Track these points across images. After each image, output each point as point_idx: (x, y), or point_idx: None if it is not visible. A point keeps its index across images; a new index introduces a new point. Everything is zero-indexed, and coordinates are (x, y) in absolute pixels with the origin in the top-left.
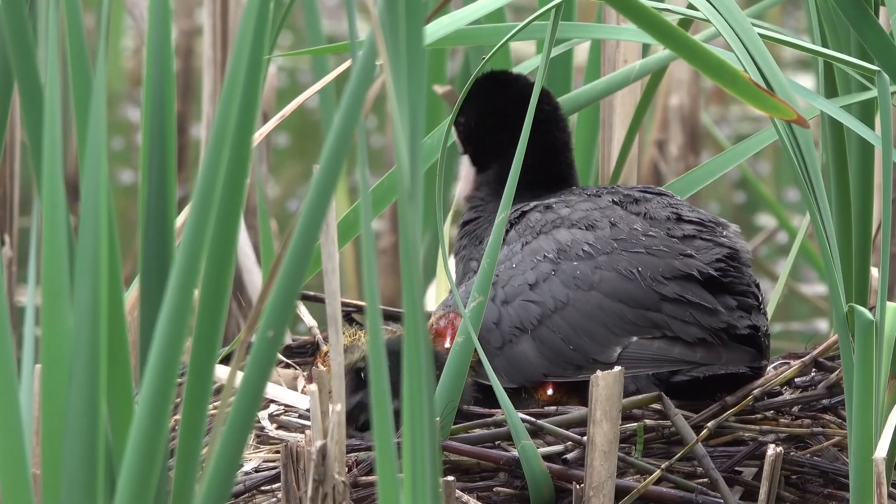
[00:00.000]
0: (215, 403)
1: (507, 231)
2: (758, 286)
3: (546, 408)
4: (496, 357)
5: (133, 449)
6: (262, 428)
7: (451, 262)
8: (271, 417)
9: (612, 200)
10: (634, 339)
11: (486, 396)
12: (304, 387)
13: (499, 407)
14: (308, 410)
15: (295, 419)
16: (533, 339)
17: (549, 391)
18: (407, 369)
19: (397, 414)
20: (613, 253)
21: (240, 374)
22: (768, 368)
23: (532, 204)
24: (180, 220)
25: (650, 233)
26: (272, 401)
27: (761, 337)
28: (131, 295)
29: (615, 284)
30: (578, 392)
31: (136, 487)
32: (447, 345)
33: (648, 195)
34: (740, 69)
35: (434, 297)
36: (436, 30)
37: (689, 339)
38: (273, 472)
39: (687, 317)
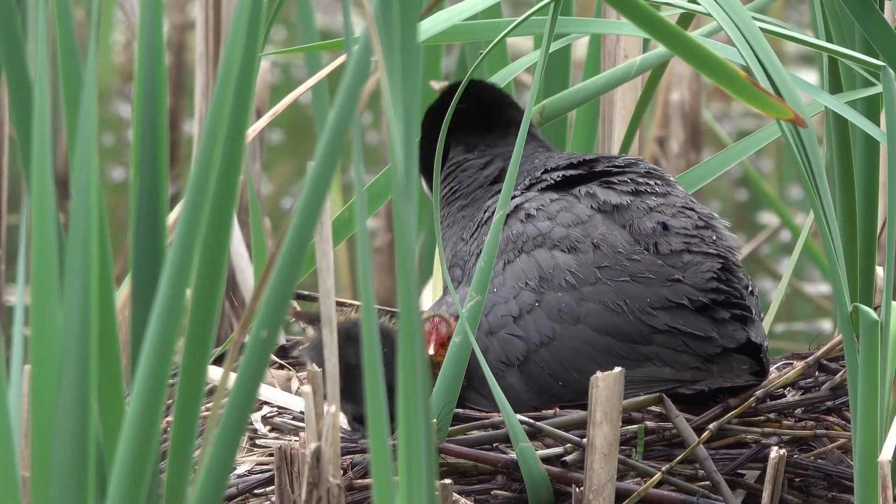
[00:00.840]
0: (208, 405)
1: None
2: (752, 291)
3: (544, 410)
4: (484, 386)
5: (124, 451)
6: (256, 430)
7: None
8: (265, 419)
9: (592, 206)
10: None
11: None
12: (298, 388)
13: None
14: (302, 412)
15: (289, 421)
16: (520, 372)
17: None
18: (402, 370)
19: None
20: (598, 283)
21: (233, 375)
22: (771, 370)
23: (513, 205)
24: (172, 217)
25: (634, 256)
26: (265, 402)
27: (758, 348)
28: (122, 294)
29: (602, 318)
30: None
31: (127, 490)
32: (430, 351)
33: (629, 195)
34: (740, 65)
35: (430, 297)
36: (432, 25)
37: (681, 367)
38: (267, 474)
39: (679, 346)
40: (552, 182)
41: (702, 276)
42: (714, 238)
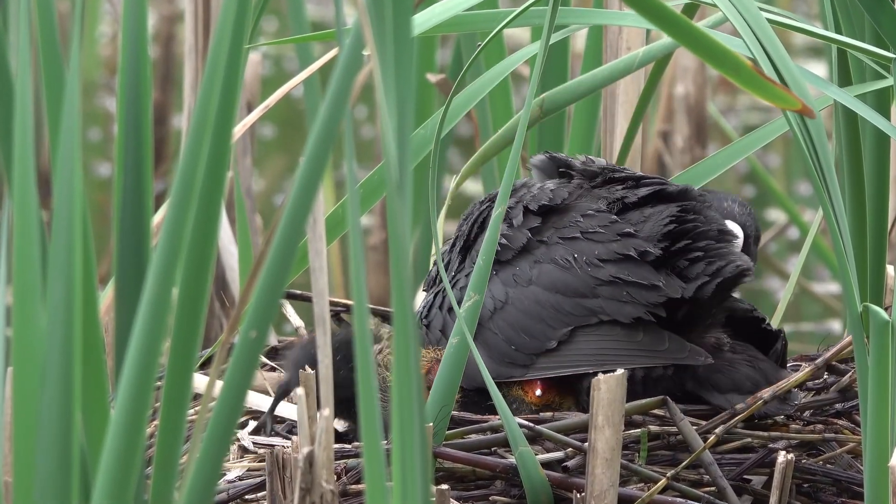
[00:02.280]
0: (195, 408)
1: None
2: (722, 232)
3: (544, 413)
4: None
5: (109, 456)
6: (245, 448)
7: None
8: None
9: (576, 184)
10: (571, 329)
11: (480, 400)
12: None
13: (494, 412)
14: (294, 420)
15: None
16: (477, 343)
17: (538, 391)
18: (396, 372)
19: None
20: (550, 243)
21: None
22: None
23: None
24: (158, 217)
25: (589, 212)
26: (253, 416)
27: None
28: (107, 295)
29: (552, 276)
30: (572, 392)
31: (112, 496)
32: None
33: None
34: (747, 57)
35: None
36: (428, 17)
37: (625, 319)
38: (258, 479)
39: (622, 296)
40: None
41: (658, 225)
42: (682, 188)
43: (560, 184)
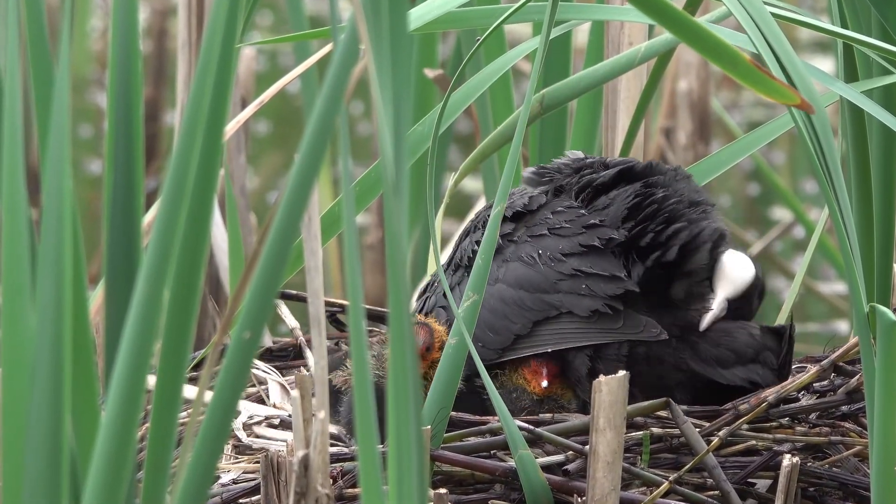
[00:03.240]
0: (187, 410)
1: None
2: (694, 203)
3: (544, 415)
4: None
5: (99, 460)
6: (240, 441)
7: (443, 258)
8: (246, 426)
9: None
10: (532, 322)
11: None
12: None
13: (493, 414)
14: (290, 416)
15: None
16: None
17: (544, 382)
18: (392, 373)
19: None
20: (519, 242)
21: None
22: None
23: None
24: (150, 215)
25: (558, 208)
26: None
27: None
28: (97, 295)
29: (517, 273)
30: (571, 385)
31: (103, 500)
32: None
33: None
34: (750, 52)
35: None
36: (424, 12)
37: (583, 312)
38: (252, 483)
39: (582, 290)
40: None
41: (622, 206)
42: (647, 164)
43: (542, 189)
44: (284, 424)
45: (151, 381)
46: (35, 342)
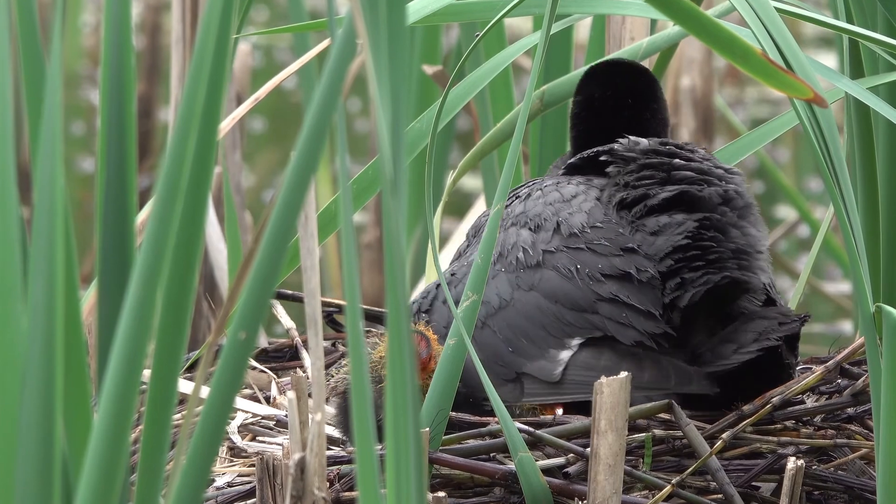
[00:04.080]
0: (181, 412)
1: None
2: (739, 252)
3: (544, 417)
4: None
5: (91, 463)
6: (235, 444)
7: (443, 256)
8: (242, 428)
9: (585, 182)
10: (575, 341)
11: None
12: (274, 398)
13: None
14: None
15: (267, 430)
16: (474, 341)
17: (559, 410)
18: (390, 375)
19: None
20: (556, 252)
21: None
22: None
23: (525, 188)
24: (143, 213)
25: (597, 224)
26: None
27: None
28: (89, 295)
29: (553, 284)
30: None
31: None
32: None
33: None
34: (755, 45)
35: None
36: (424, 5)
37: (627, 341)
38: (248, 486)
39: (622, 318)
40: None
41: (668, 243)
42: (706, 195)
43: (582, 187)
44: (280, 425)
45: (145, 380)
46: (26, 343)
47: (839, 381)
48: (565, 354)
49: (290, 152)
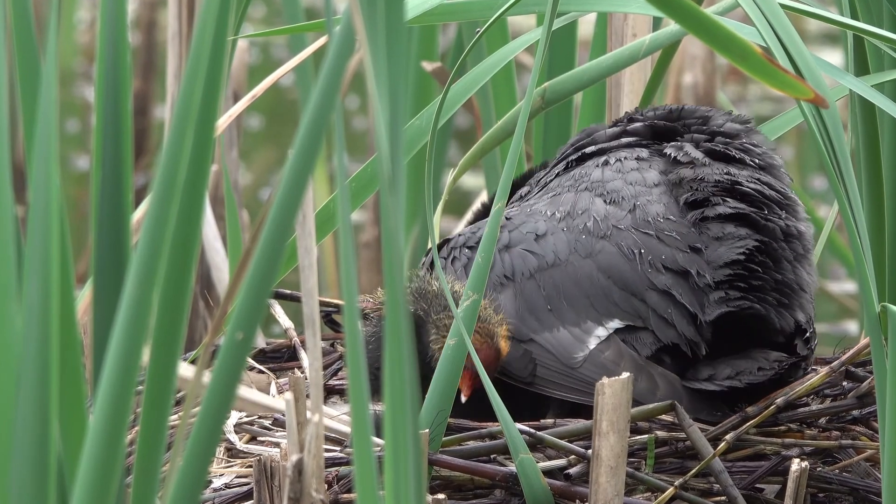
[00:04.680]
0: (178, 413)
1: (556, 174)
2: (782, 284)
3: (545, 419)
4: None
5: (87, 464)
6: (232, 443)
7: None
8: (238, 427)
9: (665, 172)
10: (613, 323)
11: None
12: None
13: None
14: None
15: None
16: (517, 291)
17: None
18: (388, 374)
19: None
20: (622, 231)
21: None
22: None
23: (597, 148)
24: (139, 212)
25: (669, 216)
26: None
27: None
28: (85, 295)
29: (611, 259)
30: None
31: None
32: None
33: (723, 145)
34: (758, 45)
35: None
36: (422, 2)
37: (665, 340)
38: (245, 488)
39: (667, 314)
40: (647, 126)
41: (727, 254)
42: (781, 216)
43: (657, 175)
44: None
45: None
46: (21, 343)
47: (844, 382)
48: (600, 332)
49: (287, 150)
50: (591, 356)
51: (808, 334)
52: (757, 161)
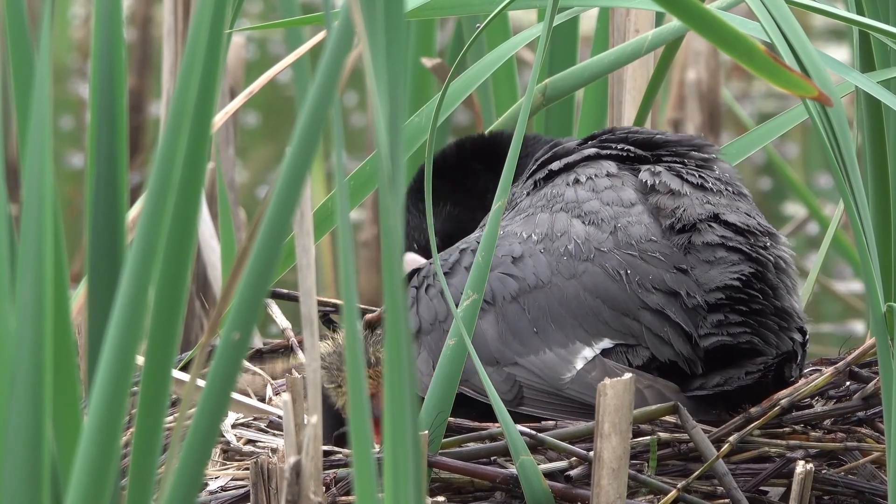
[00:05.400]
0: (174, 415)
1: (526, 193)
2: (780, 311)
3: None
4: None
5: (81, 466)
6: (229, 443)
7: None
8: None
9: (641, 192)
10: (603, 343)
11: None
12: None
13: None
14: (280, 418)
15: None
16: (499, 315)
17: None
18: (388, 374)
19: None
20: (605, 252)
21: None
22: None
23: (567, 161)
24: (134, 210)
25: (651, 238)
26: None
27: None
28: (79, 295)
29: (597, 279)
30: None
31: None
32: None
33: (692, 188)
34: (763, 41)
35: None
36: None
37: (662, 357)
38: (242, 490)
39: (663, 333)
40: (617, 153)
41: (720, 278)
42: (766, 245)
43: (633, 193)
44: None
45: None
46: (14, 344)
47: (849, 383)
48: (587, 353)
49: (284, 148)
50: (579, 376)
51: (799, 357)
52: (731, 190)
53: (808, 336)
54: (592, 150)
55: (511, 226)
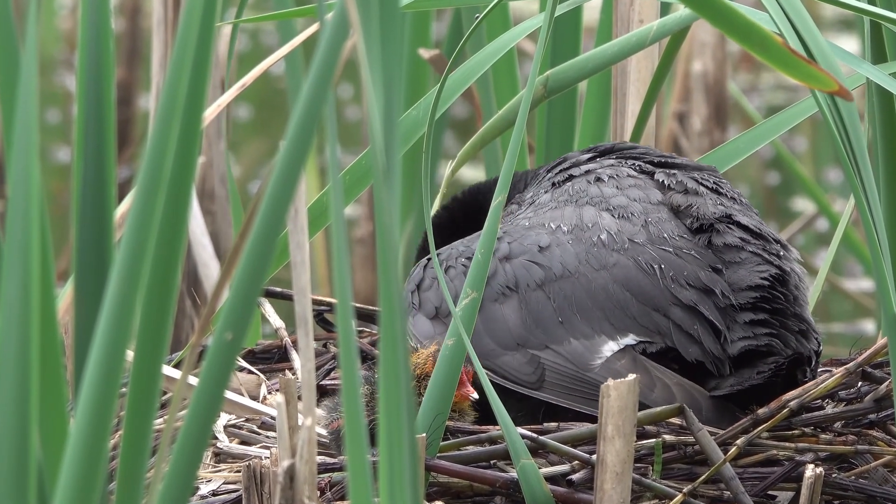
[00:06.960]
0: (163, 417)
1: (544, 191)
2: (797, 317)
3: (548, 423)
4: None
5: (68, 470)
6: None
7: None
8: (227, 429)
9: (664, 193)
10: (627, 339)
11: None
12: (264, 397)
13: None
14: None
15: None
16: (522, 301)
17: (473, 395)
18: (383, 376)
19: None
20: (638, 246)
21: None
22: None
23: (584, 169)
24: (123, 206)
25: (684, 235)
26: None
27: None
28: (66, 294)
29: (629, 273)
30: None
31: None
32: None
33: (713, 180)
34: (772, 31)
35: None
36: None
37: (688, 357)
38: (234, 495)
39: (692, 331)
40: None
41: (748, 278)
42: (780, 253)
43: (657, 193)
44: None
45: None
46: (0, 345)
47: (860, 384)
48: (611, 346)
49: (277, 142)
50: (608, 363)
51: (813, 363)
52: (744, 202)
53: (821, 347)
54: (609, 161)
55: (536, 217)
